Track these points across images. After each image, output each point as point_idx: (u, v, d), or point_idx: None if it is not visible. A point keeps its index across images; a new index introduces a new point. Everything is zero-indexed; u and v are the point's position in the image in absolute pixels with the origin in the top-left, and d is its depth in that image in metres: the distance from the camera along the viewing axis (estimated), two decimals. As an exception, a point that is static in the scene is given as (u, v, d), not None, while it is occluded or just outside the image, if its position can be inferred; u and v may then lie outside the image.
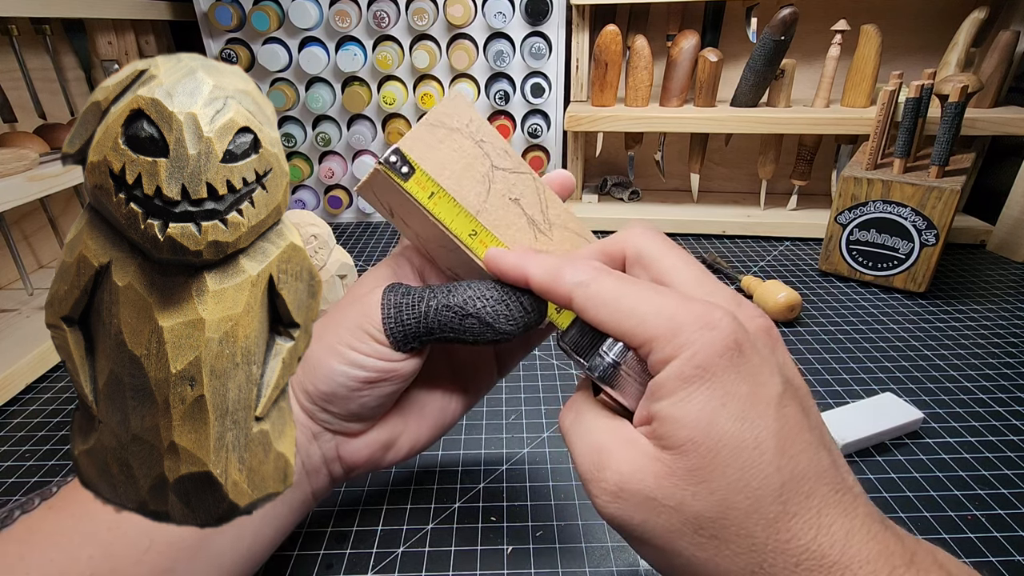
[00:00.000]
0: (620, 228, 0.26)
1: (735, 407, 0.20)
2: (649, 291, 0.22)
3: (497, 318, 0.25)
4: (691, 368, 0.20)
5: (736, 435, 0.19)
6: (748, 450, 0.19)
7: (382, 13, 0.73)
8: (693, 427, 0.20)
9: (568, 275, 0.23)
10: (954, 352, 0.49)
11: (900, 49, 0.76)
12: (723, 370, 0.20)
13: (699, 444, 0.20)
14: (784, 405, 0.20)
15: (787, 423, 0.20)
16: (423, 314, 0.26)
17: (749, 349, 0.20)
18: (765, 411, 0.20)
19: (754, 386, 0.20)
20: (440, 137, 0.27)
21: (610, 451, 0.21)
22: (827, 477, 0.20)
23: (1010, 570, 0.30)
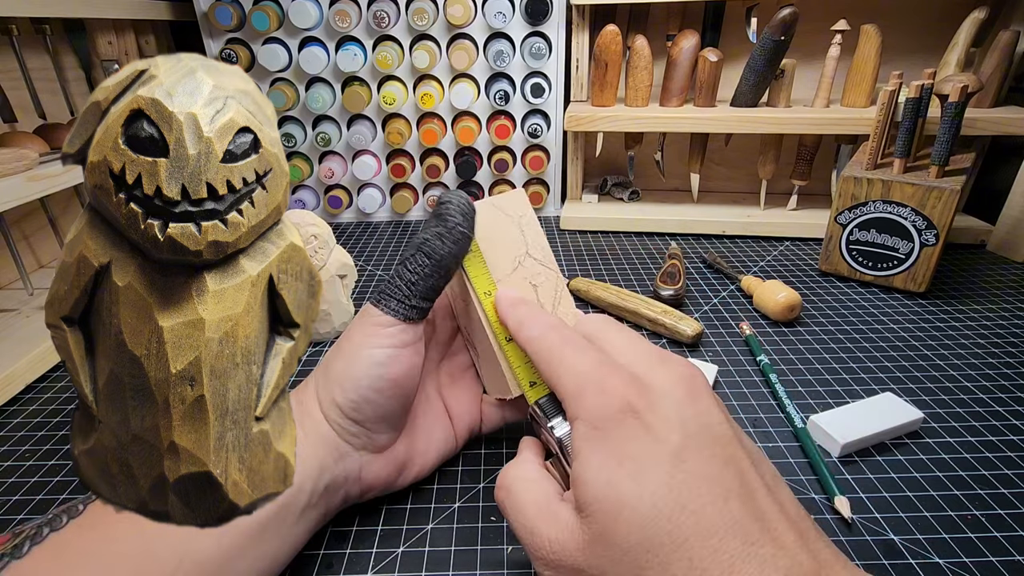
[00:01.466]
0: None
1: (629, 467, 0.20)
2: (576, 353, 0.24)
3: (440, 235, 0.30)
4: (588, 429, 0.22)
5: (633, 494, 0.20)
6: (645, 508, 0.20)
7: (382, 13, 0.73)
8: (595, 488, 0.21)
9: (526, 329, 0.27)
10: (954, 352, 0.49)
11: (900, 49, 0.76)
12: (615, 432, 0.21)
13: (602, 505, 0.20)
14: (683, 460, 0.20)
15: (686, 477, 0.20)
16: (398, 276, 0.30)
17: (644, 411, 0.21)
18: (658, 469, 0.20)
19: (648, 445, 0.21)
20: (494, 216, 0.33)
21: (540, 532, 0.22)
22: (738, 529, 0.19)
23: (1010, 570, 0.30)
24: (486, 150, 0.83)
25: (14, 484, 0.37)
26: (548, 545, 0.22)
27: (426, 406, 0.35)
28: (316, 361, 0.50)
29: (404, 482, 0.34)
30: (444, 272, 0.30)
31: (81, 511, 0.25)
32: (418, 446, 0.34)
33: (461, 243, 0.30)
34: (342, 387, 0.30)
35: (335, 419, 0.30)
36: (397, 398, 0.31)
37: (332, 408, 0.30)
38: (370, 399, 0.30)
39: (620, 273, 0.66)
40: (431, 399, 0.36)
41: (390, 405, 0.31)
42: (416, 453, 0.34)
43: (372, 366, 0.29)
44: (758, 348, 0.48)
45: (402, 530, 0.33)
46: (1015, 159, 0.68)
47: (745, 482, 0.20)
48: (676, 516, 0.19)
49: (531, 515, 0.23)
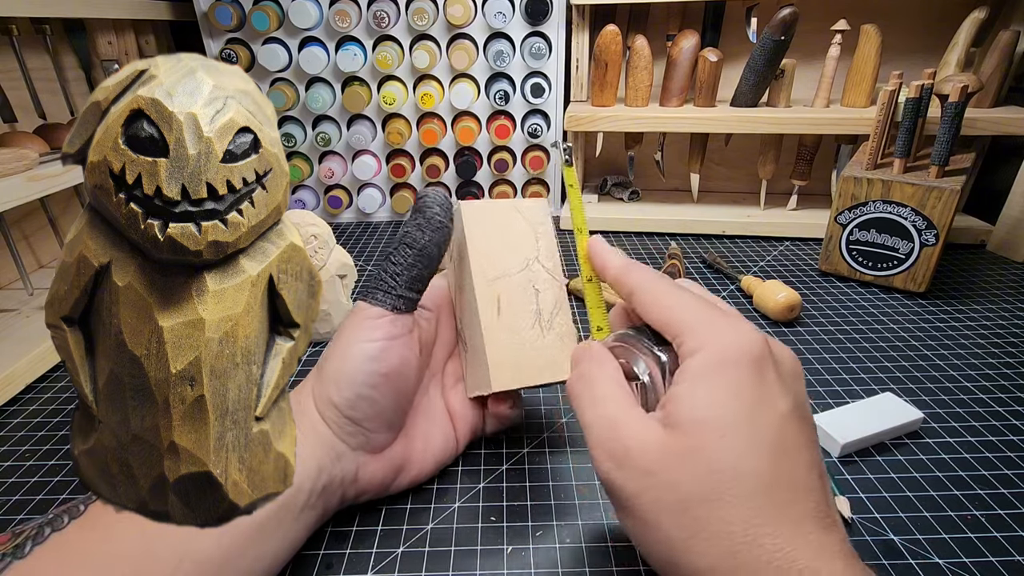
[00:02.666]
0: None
1: (744, 405, 0.21)
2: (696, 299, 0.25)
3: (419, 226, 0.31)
4: (714, 360, 0.22)
5: (739, 429, 0.21)
6: (750, 442, 0.21)
7: (382, 13, 0.73)
8: (703, 409, 0.21)
9: (634, 273, 0.28)
10: (954, 352, 0.49)
11: (900, 49, 0.76)
12: (743, 373, 0.22)
13: (704, 426, 0.21)
14: (789, 422, 0.22)
15: (788, 437, 0.21)
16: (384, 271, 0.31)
17: (769, 367, 0.22)
18: (771, 419, 0.21)
19: (766, 396, 0.22)
20: (511, 216, 0.35)
21: (621, 423, 0.23)
22: (815, 495, 0.21)
23: (1010, 570, 0.30)
24: (486, 150, 0.83)
25: (14, 484, 0.37)
26: (626, 438, 0.22)
27: (427, 406, 0.35)
28: (316, 361, 0.50)
29: (400, 485, 0.34)
30: (427, 261, 0.31)
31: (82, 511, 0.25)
32: (416, 448, 0.34)
33: (440, 232, 0.31)
34: (337, 385, 0.30)
35: (332, 418, 0.30)
36: (392, 394, 0.31)
37: (329, 408, 0.30)
38: (365, 395, 0.30)
39: (620, 273, 0.66)
40: (433, 400, 0.36)
41: (385, 401, 0.31)
42: (414, 455, 0.34)
43: (365, 360, 0.30)
44: (758, 348, 0.48)
45: (402, 530, 0.33)
46: (1015, 159, 0.68)
47: (820, 462, 0.22)
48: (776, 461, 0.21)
49: (615, 412, 0.23)
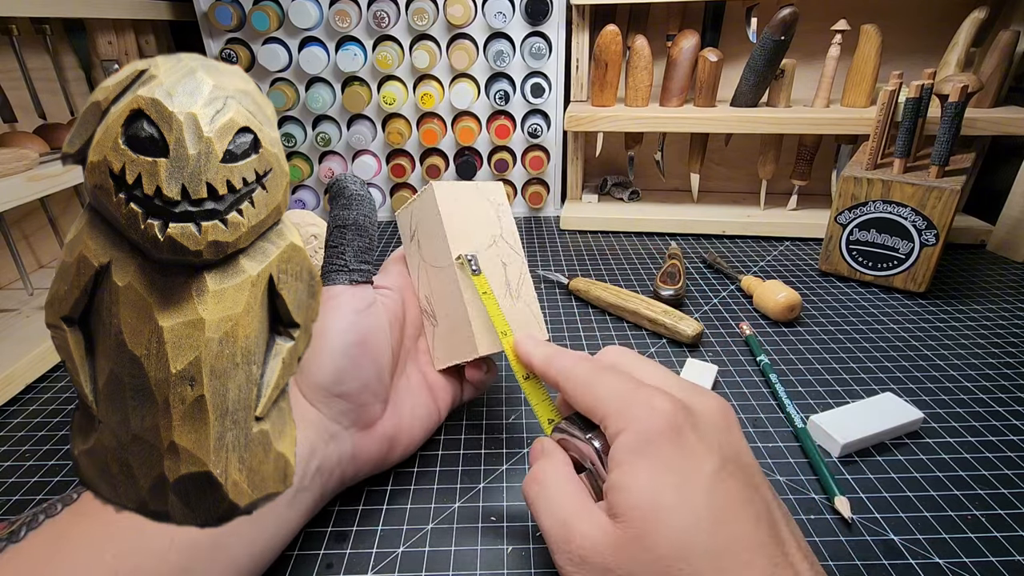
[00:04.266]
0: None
1: (673, 479, 0.22)
2: (612, 377, 0.26)
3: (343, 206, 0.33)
4: (635, 441, 0.23)
5: (674, 504, 0.21)
6: (685, 518, 0.21)
7: (382, 13, 0.73)
8: (637, 495, 0.22)
9: (555, 362, 0.29)
10: (954, 352, 0.49)
11: (900, 49, 0.76)
12: (663, 446, 0.22)
13: (642, 512, 0.22)
14: (721, 480, 0.22)
15: (724, 496, 0.22)
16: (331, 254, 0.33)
17: (688, 430, 0.23)
18: (700, 484, 0.22)
19: (691, 462, 0.22)
20: (477, 197, 0.37)
21: (573, 525, 0.23)
22: (766, 550, 0.21)
23: (1010, 570, 0.30)
24: (486, 150, 0.83)
25: (14, 484, 0.37)
26: (579, 540, 0.23)
27: (407, 382, 0.37)
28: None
29: (393, 459, 0.35)
30: (363, 231, 0.33)
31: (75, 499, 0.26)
32: (404, 421, 0.35)
33: (364, 203, 0.33)
34: (318, 365, 0.30)
35: (321, 399, 0.30)
36: (370, 362, 0.32)
37: (316, 390, 0.30)
38: (345, 367, 0.30)
39: (620, 273, 0.66)
40: (411, 375, 0.37)
41: (366, 370, 0.32)
42: (403, 427, 0.35)
43: (338, 334, 0.30)
44: (758, 348, 0.48)
45: (402, 530, 0.33)
46: (1015, 159, 0.68)
47: (770, 510, 0.22)
48: (714, 530, 0.21)
49: (566, 510, 0.24)
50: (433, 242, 0.36)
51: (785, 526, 0.22)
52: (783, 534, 0.22)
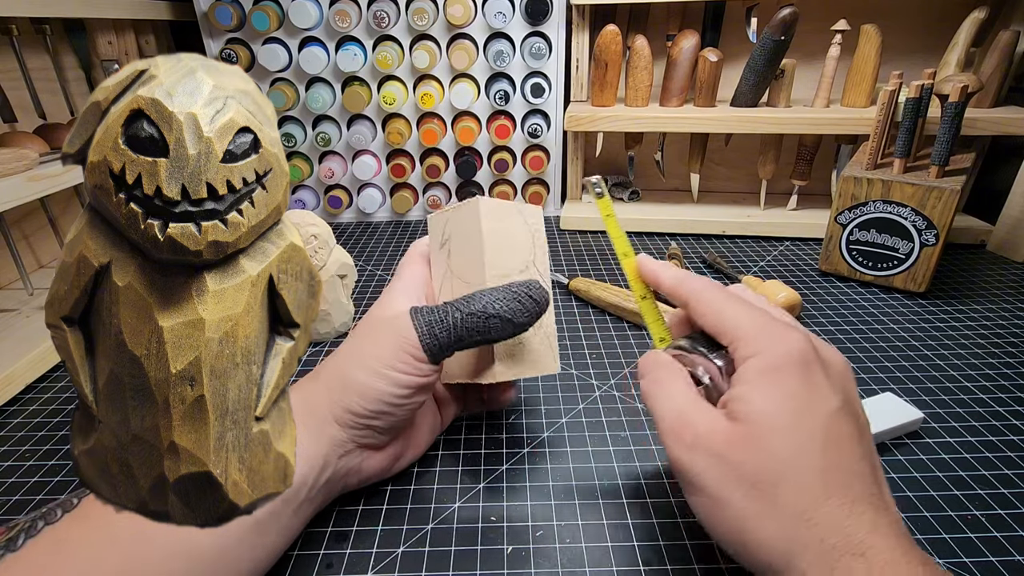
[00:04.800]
0: None
1: (796, 406, 0.24)
2: (745, 305, 0.27)
3: (515, 314, 0.30)
4: (767, 366, 0.24)
5: (793, 427, 0.23)
6: (801, 435, 0.23)
7: (382, 13, 0.73)
8: (761, 406, 0.24)
9: (687, 283, 0.29)
10: (954, 352, 0.49)
11: (900, 49, 0.76)
12: (792, 375, 0.24)
13: (763, 419, 0.23)
14: (838, 418, 0.24)
15: (837, 431, 0.24)
16: (452, 325, 0.30)
17: (817, 370, 0.25)
18: (820, 417, 0.24)
19: (815, 396, 0.24)
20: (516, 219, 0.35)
21: (690, 414, 0.25)
22: (866, 480, 0.23)
23: (1010, 570, 0.30)
24: (486, 150, 0.82)
25: (14, 484, 0.37)
26: (696, 428, 0.25)
27: None
28: (316, 361, 0.50)
29: (396, 470, 0.36)
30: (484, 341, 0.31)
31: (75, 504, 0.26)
32: (411, 436, 0.36)
33: (519, 330, 0.31)
34: (362, 397, 0.30)
35: (347, 422, 0.30)
36: (411, 412, 0.32)
37: (346, 414, 0.30)
38: (386, 412, 0.31)
39: (620, 273, 0.66)
40: None
41: (404, 416, 0.32)
42: (409, 443, 0.36)
43: (397, 387, 0.30)
44: (758, 348, 0.48)
45: (402, 530, 0.33)
46: (1015, 159, 0.68)
47: (873, 455, 0.25)
48: (824, 451, 0.23)
49: (684, 403, 0.26)
50: (467, 257, 0.35)
51: (879, 468, 0.24)
52: (881, 479, 0.24)
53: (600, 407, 0.43)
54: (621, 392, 0.45)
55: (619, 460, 0.38)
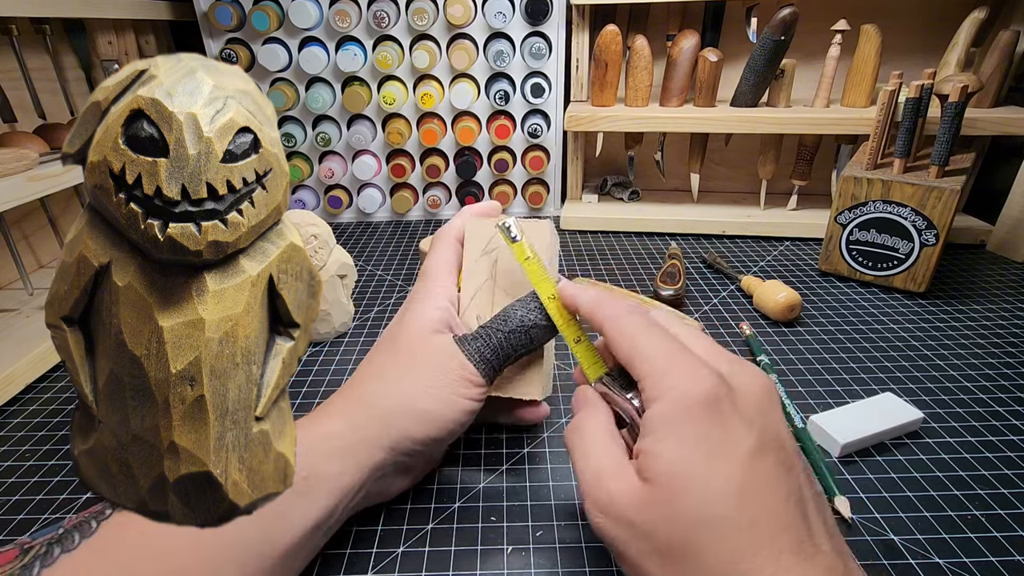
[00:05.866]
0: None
1: (705, 451, 0.22)
2: (658, 337, 0.25)
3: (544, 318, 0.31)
4: (672, 411, 0.23)
5: (704, 475, 0.21)
6: (714, 488, 0.21)
7: (382, 13, 0.73)
8: (667, 463, 0.22)
9: (604, 308, 0.28)
10: (954, 352, 0.49)
11: (900, 49, 0.76)
12: (699, 419, 0.22)
13: (671, 478, 0.22)
14: (756, 459, 0.22)
15: (755, 473, 0.22)
16: (498, 346, 0.32)
17: (728, 406, 0.23)
18: (734, 462, 0.22)
19: (727, 437, 0.22)
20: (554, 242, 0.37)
21: (604, 478, 0.24)
22: (793, 530, 0.21)
23: (1010, 570, 0.30)
24: (486, 150, 0.82)
25: (14, 484, 0.37)
26: (608, 493, 0.23)
27: None
28: (316, 361, 0.50)
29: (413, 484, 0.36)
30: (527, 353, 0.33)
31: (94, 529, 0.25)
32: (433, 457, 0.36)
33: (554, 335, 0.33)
34: (425, 427, 0.31)
35: (402, 448, 0.31)
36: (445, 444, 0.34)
37: (405, 440, 0.31)
38: (443, 440, 0.32)
39: (620, 273, 0.66)
40: None
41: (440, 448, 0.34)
42: (431, 462, 0.37)
43: (460, 415, 0.31)
44: (758, 348, 0.48)
45: (402, 530, 0.33)
46: (1015, 159, 0.68)
47: (801, 492, 0.22)
48: (741, 503, 0.21)
49: (600, 462, 0.24)
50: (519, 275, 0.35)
51: (815, 509, 0.22)
52: (811, 516, 0.22)
53: (600, 407, 0.43)
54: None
55: (619, 460, 0.38)
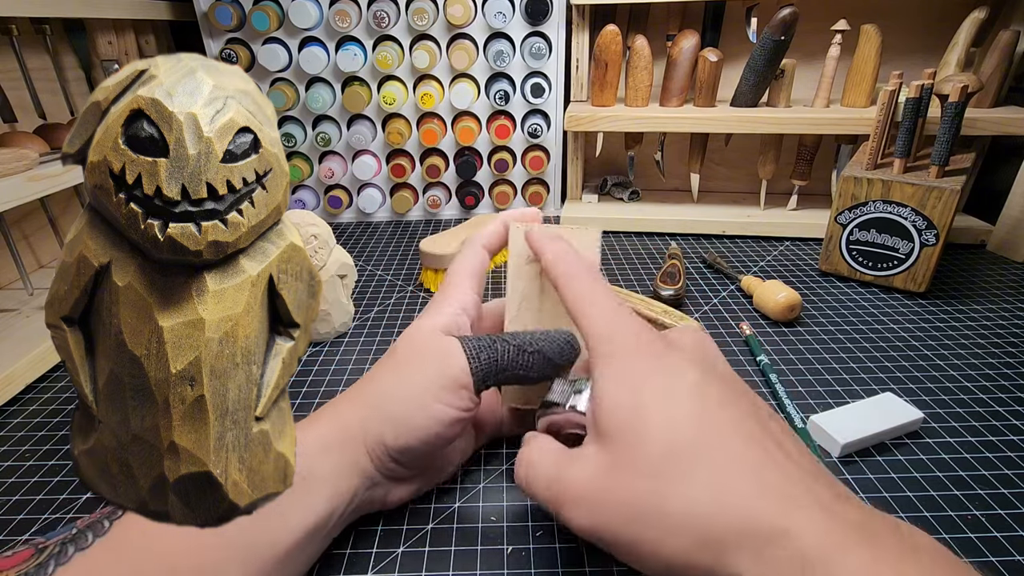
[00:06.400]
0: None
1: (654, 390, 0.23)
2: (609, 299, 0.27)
3: (556, 356, 0.31)
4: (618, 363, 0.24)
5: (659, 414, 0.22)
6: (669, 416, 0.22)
7: (382, 13, 0.73)
8: (620, 414, 0.23)
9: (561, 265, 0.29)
10: (954, 352, 0.49)
11: (900, 49, 0.76)
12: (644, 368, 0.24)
13: (627, 427, 0.22)
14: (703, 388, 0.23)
15: (706, 397, 0.22)
16: (500, 354, 0.30)
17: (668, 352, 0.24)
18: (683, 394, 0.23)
19: (672, 372, 0.23)
20: None
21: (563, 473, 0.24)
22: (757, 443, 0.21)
23: (1010, 570, 0.30)
24: (486, 150, 0.83)
25: (14, 484, 0.37)
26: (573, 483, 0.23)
27: None
28: (316, 361, 0.50)
29: (420, 493, 0.35)
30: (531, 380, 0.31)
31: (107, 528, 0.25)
32: (439, 464, 0.35)
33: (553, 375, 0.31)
34: (395, 432, 0.30)
35: (379, 456, 0.30)
36: (439, 450, 0.32)
37: (379, 446, 0.30)
38: (416, 449, 0.30)
39: (620, 273, 0.66)
40: None
41: (431, 455, 0.32)
42: (437, 470, 0.35)
43: (435, 422, 0.29)
44: (758, 348, 0.48)
45: (402, 530, 0.33)
46: (1015, 159, 0.68)
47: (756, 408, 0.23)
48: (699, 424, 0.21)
49: (554, 467, 0.25)
50: None
51: (774, 422, 0.23)
52: (772, 427, 0.22)
53: (600, 407, 0.43)
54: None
55: (619, 460, 0.38)
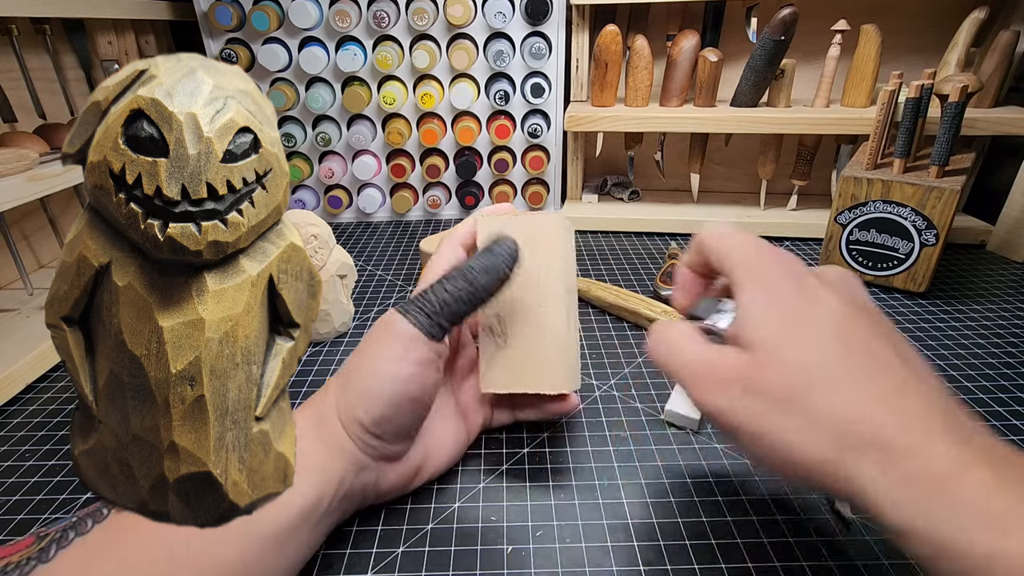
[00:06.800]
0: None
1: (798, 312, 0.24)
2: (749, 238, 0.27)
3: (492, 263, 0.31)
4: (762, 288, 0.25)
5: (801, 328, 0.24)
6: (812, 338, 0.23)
7: (382, 13, 0.73)
8: (765, 327, 0.24)
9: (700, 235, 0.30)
10: (954, 352, 0.49)
11: (900, 49, 0.76)
12: (789, 291, 0.25)
13: (772, 338, 0.24)
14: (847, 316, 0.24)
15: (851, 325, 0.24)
16: (442, 300, 0.31)
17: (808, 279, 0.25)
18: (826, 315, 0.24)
19: (818, 300, 0.24)
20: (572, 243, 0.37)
21: (704, 357, 0.26)
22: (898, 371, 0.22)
23: (1010, 570, 0.30)
24: (486, 150, 0.82)
25: (14, 484, 0.37)
26: (719, 365, 0.25)
27: (440, 407, 0.36)
28: (316, 361, 0.50)
29: (419, 482, 0.35)
30: (475, 303, 0.31)
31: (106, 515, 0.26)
32: (431, 449, 0.35)
33: (501, 284, 0.31)
34: (364, 403, 0.30)
35: (356, 434, 0.30)
36: (415, 413, 0.32)
37: (354, 424, 0.30)
38: (390, 416, 0.30)
39: (620, 273, 0.66)
40: (445, 400, 0.37)
41: (409, 421, 0.32)
42: (430, 456, 0.35)
43: (393, 382, 0.30)
44: (758, 348, 0.48)
45: (402, 530, 0.33)
46: (1015, 159, 0.68)
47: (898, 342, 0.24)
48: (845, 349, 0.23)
49: (696, 352, 0.26)
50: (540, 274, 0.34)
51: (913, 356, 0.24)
52: (912, 362, 0.23)
53: (600, 407, 0.43)
54: (621, 392, 0.45)
55: (619, 460, 0.38)
